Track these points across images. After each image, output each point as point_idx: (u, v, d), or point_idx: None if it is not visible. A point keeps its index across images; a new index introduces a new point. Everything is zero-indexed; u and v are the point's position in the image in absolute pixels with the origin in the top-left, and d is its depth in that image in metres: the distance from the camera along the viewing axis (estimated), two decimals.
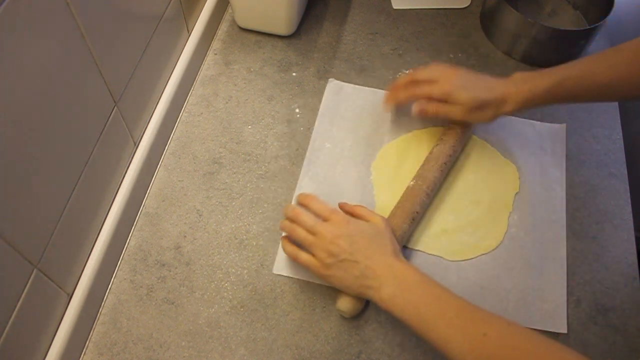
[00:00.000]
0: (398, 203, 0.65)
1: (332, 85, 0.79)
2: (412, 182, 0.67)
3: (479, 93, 0.65)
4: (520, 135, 0.76)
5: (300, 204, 0.63)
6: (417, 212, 0.64)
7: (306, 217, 0.59)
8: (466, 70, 0.68)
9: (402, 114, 0.77)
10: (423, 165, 0.69)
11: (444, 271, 0.64)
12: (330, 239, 0.56)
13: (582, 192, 0.71)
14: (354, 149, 0.74)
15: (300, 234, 0.59)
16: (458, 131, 0.70)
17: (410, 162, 0.72)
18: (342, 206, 0.63)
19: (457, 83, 0.66)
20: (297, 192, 0.70)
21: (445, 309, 0.51)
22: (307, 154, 0.73)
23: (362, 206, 0.62)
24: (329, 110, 0.77)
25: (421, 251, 0.66)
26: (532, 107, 0.65)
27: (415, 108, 0.68)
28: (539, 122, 0.77)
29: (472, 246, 0.66)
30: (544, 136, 0.75)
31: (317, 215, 0.59)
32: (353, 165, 0.72)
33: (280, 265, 0.64)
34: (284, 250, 0.61)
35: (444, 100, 0.67)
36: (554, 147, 0.75)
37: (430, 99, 0.68)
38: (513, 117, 0.77)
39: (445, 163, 0.68)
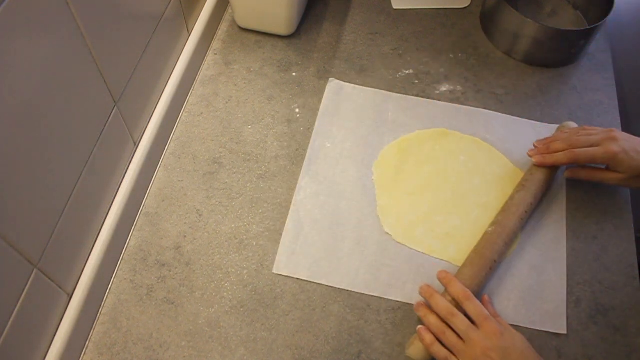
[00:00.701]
0: (475, 249, 0.63)
1: (333, 85, 0.80)
2: (490, 229, 0.64)
3: (637, 160, 0.63)
4: (520, 134, 0.76)
5: (448, 290, 0.59)
6: (495, 261, 0.62)
7: (460, 324, 0.56)
8: (627, 135, 0.66)
9: (402, 114, 0.77)
10: (503, 211, 0.66)
11: None
12: (482, 351, 0.53)
13: (582, 192, 0.71)
14: (354, 149, 0.74)
15: (451, 339, 0.55)
16: (542, 178, 0.68)
17: (411, 162, 0.72)
18: (485, 303, 0.60)
19: (619, 149, 0.63)
20: (297, 192, 0.69)
21: None
22: (307, 153, 0.73)
23: (500, 318, 0.59)
24: (329, 110, 0.77)
25: (427, 254, 0.66)
26: None
27: (566, 174, 0.69)
28: (538, 123, 0.77)
29: None
30: (543, 136, 0.75)
31: (470, 317, 0.56)
32: (353, 165, 0.72)
33: (281, 265, 0.64)
34: (430, 348, 0.56)
35: (604, 164, 0.65)
36: None
37: (592, 163, 0.66)
38: (513, 117, 0.77)
39: (526, 212, 0.65)
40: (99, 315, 0.61)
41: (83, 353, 0.59)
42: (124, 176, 0.65)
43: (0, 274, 0.44)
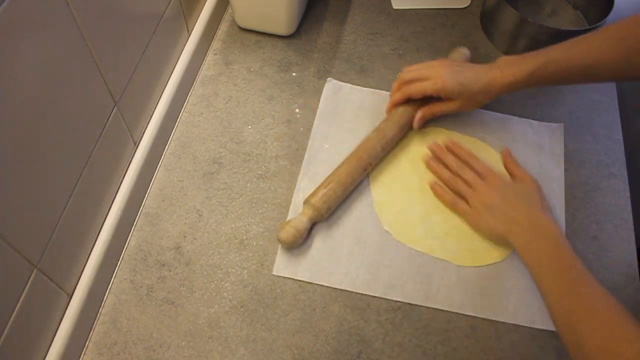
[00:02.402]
0: (354, 153, 0.69)
1: (331, 85, 0.79)
2: (371, 135, 0.70)
3: (469, 85, 0.68)
4: (519, 134, 0.76)
5: (453, 152, 0.70)
6: (370, 164, 0.69)
7: (468, 175, 0.68)
8: (451, 63, 0.72)
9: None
10: (384, 122, 0.72)
11: (443, 270, 0.64)
12: (487, 193, 0.65)
13: (582, 192, 0.71)
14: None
15: (461, 187, 0.67)
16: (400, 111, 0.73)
17: (409, 161, 0.72)
18: (505, 155, 0.71)
19: (447, 77, 0.68)
20: (296, 194, 0.70)
21: (562, 266, 0.57)
22: (306, 155, 0.73)
23: (519, 164, 0.70)
24: (328, 110, 0.77)
25: (427, 254, 0.66)
26: (517, 89, 0.68)
27: (415, 124, 0.72)
28: (536, 122, 0.77)
29: (483, 253, 0.66)
30: (542, 135, 0.75)
31: (477, 172, 0.68)
32: None
33: (280, 267, 0.64)
34: (442, 197, 0.69)
35: (437, 95, 0.69)
36: (552, 146, 0.75)
37: (424, 95, 0.70)
38: (512, 116, 0.77)
39: (405, 124, 0.72)
40: (99, 315, 0.61)
41: (83, 353, 0.59)
42: (124, 176, 0.65)
43: (0, 274, 0.44)
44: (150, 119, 0.70)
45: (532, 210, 0.63)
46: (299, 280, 0.63)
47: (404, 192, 0.70)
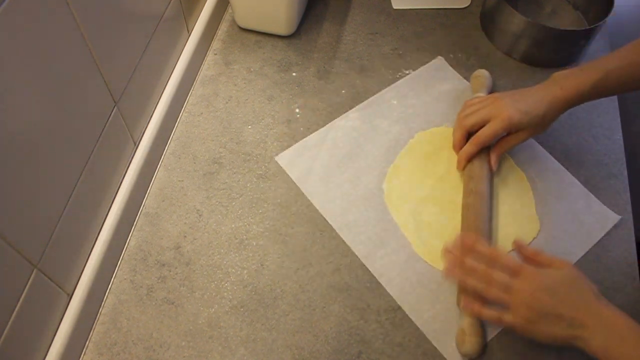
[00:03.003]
0: (466, 226, 0.65)
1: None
2: (468, 199, 0.66)
3: (534, 112, 0.65)
4: (572, 198, 0.71)
5: (474, 251, 0.59)
6: (489, 229, 0.64)
7: (499, 276, 0.56)
8: (505, 94, 0.68)
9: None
10: (471, 177, 0.68)
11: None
12: (529, 295, 0.54)
13: None
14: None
15: (497, 295, 0.56)
16: (485, 158, 0.70)
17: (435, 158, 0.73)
18: (520, 250, 0.61)
19: (510, 112, 0.65)
20: (340, 119, 0.73)
21: None
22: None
23: (543, 252, 0.59)
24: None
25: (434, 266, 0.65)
26: (580, 103, 0.65)
27: (494, 166, 0.69)
28: (597, 201, 0.70)
29: None
30: (593, 214, 0.69)
31: (506, 268, 0.56)
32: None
33: (284, 157, 0.72)
34: (481, 315, 0.57)
35: (507, 132, 0.67)
36: (592, 229, 0.68)
37: (497, 138, 0.68)
38: (573, 179, 0.72)
39: (490, 175, 0.69)
40: (99, 315, 0.61)
41: (83, 353, 0.59)
42: (124, 176, 0.65)
43: (0, 274, 0.44)
44: (150, 119, 0.70)
45: (589, 304, 0.53)
46: (299, 280, 0.63)
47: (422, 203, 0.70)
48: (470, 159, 0.69)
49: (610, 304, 0.53)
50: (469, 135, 0.69)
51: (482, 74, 0.78)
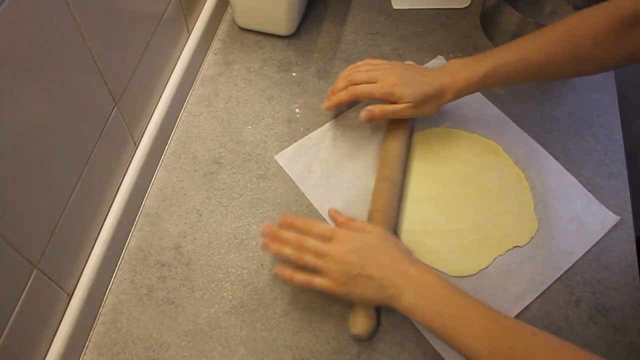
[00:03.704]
0: (372, 207, 0.66)
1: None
2: (379, 185, 0.67)
3: (419, 88, 0.66)
4: (573, 197, 0.71)
5: (291, 226, 0.60)
6: (394, 210, 0.66)
7: (311, 242, 0.57)
8: (402, 65, 0.70)
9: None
10: (384, 164, 0.69)
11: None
12: (340, 258, 0.56)
13: None
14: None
15: (310, 260, 0.57)
16: (404, 128, 0.72)
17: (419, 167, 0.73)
18: (334, 217, 0.64)
19: (396, 81, 0.67)
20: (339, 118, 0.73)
21: (470, 318, 0.50)
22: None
23: (356, 219, 0.62)
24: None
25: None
26: (470, 93, 0.67)
27: (362, 114, 0.69)
28: (596, 201, 0.70)
29: (471, 262, 0.65)
30: (592, 213, 0.69)
31: (319, 236, 0.58)
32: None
33: (284, 156, 0.72)
34: (293, 280, 0.58)
35: (385, 99, 0.68)
36: (590, 226, 0.68)
37: (370, 99, 0.68)
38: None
39: (405, 161, 0.71)
40: (99, 315, 0.61)
41: (83, 353, 0.59)
42: (124, 176, 0.65)
43: (0, 274, 0.44)
44: (150, 119, 0.70)
45: (396, 263, 0.55)
46: None
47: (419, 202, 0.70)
48: (338, 105, 0.71)
49: (420, 263, 0.56)
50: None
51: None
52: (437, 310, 0.52)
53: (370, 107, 0.68)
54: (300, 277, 0.58)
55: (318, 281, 0.57)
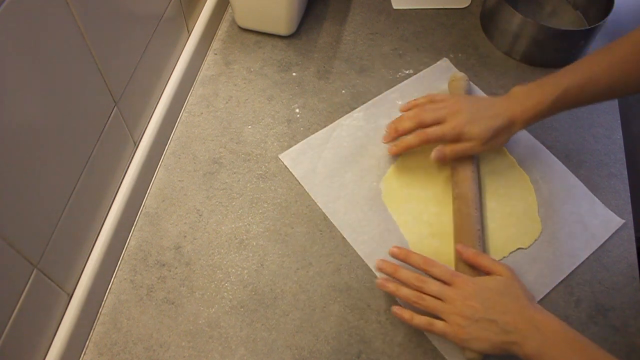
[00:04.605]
0: (455, 230, 0.65)
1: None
2: (458, 204, 0.66)
3: (489, 123, 0.65)
4: (576, 198, 0.71)
5: (407, 259, 0.60)
6: (479, 230, 0.64)
7: (432, 286, 0.57)
8: (466, 99, 0.69)
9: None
10: (458, 182, 0.67)
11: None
12: (462, 302, 0.55)
13: None
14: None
15: (430, 304, 0.56)
16: (469, 162, 0.69)
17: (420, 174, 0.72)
18: (460, 252, 0.61)
19: (465, 119, 0.65)
20: (345, 117, 0.75)
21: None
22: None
23: (482, 254, 0.60)
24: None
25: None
26: (539, 120, 0.65)
27: (433, 154, 0.67)
28: (601, 205, 0.70)
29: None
30: (596, 217, 0.69)
31: (439, 279, 0.58)
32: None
33: (288, 156, 0.73)
34: (412, 322, 0.57)
35: (456, 140, 0.66)
36: (596, 231, 0.68)
37: (442, 141, 0.67)
38: (580, 184, 0.72)
39: (477, 177, 0.69)
40: (99, 315, 0.61)
41: (83, 353, 0.59)
42: (124, 176, 0.65)
43: (0, 274, 0.44)
44: (150, 119, 0.70)
45: (522, 309, 0.54)
46: (299, 280, 0.63)
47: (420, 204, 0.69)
48: (407, 150, 0.69)
49: (544, 309, 0.55)
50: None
51: (460, 77, 0.78)
52: (561, 357, 0.51)
53: (440, 148, 0.67)
54: (421, 320, 0.57)
55: (439, 326, 0.56)
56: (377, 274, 0.63)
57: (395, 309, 0.58)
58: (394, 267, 0.60)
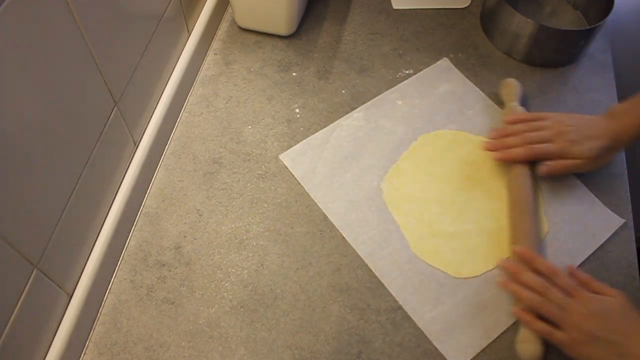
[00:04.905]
0: (513, 233, 0.65)
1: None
2: (513, 212, 0.67)
3: (594, 143, 0.67)
4: (576, 200, 0.71)
5: (531, 263, 0.61)
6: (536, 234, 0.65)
7: (555, 294, 0.57)
8: (569, 120, 0.69)
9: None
10: (514, 187, 0.69)
11: (444, 279, 0.64)
12: (585, 317, 0.55)
13: None
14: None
15: (553, 311, 0.57)
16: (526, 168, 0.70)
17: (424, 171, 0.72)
18: (573, 274, 0.62)
19: (569, 140, 0.67)
20: (344, 118, 0.75)
21: None
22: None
23: (593, 279, 0.61)
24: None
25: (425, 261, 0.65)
26: (639, 138, 0.66)
27: (542, 169, 0.69)
28: (601, 205, 0.70)
29: (477, 264, 0.65)
30: (596, 218, 0.69)
31: (562, 288, 0.58)
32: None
33: (289, 156, 0.73)
34: (532, 326, 0.58)
35: (561, 157, 0.68)
36: (596, 230, 0.69)
37: (549, 159, 0.69)
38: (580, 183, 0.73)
39: (533, 184, 0.69)
40: (99, 315, 0.61)
41: (83, 353, 0.59)
42: (124, 176, 0.65)
43: (0, 274, 0.44)
44: (150, 119, 0.71)
45: (639, 334, 0.54)
46: (299, 280, 0.63)
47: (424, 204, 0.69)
48: (512, 158, 0.70)
49: None
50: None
51: (514, 83, 0.77)
52: None
53: (549, 163, 0.68)
54: (541, 327, 0.57)
55: (560, 336, 0.56)
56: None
57: (516, 310, 0.60)
58: (520, 268, 0.61)
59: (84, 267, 0.59)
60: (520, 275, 0.60)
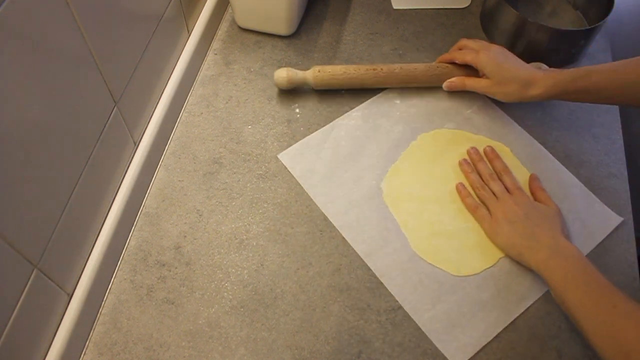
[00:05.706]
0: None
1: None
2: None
3: (506, 69, 0.71)
4: (574, 197, 0.71)
5: (489, 159, 0.71)
6: (381, 69, 0.76)
7: (497, 186, 0.68)
8: (505, 50, 0.74)
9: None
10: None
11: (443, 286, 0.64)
12: (510, 207, 0.65)
13: None
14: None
15: (487, 194, 0.67)
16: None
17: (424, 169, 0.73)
18: (532, 180, 0.70)
19: (489, 55, 0.72)
20: (343, 116, 0.76)
21: (591, 281, 0.55)
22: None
23: (546, 192, 0.68)
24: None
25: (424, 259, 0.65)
26: (556, 96, 0.68)
27: (445, 84, 0.77)
28: (599, 203, 0.70)
29: (477, 262, 0.65)
30: (594, 215, 0.69)
31: (506, 186, 0.68)
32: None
33: (287, 155, 0.73)
34: (464, 198, 0.68)
35: (473, 65, 0.74)
36: (594, 229, 0.68)
37: (463, 63, 0.76)
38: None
39: (435, 71, 0.78)
40: (99, 315, 0.61)
41: (83, 353, 0.59)
42: (124, 176, 0.65)
43: (0, 274, 0.44)
44: (150, 119, 0.71)
45: (553, 232, 0.62)
46: (299, 280, 0.63)
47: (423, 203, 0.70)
48: (448, 59, 0.78)
49: (573, 244, 0.61)
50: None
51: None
52: (564, 268, 0.57)
53: (452, 79, 0.76)
54: (471, 201, 0.68)
55: (482, 211, 0.67)
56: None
57: (458, 184, 0.70)
58: (479, 156, 0.72)
59: (84, 267, 0.59)
60: (477, 163, 0.71)
